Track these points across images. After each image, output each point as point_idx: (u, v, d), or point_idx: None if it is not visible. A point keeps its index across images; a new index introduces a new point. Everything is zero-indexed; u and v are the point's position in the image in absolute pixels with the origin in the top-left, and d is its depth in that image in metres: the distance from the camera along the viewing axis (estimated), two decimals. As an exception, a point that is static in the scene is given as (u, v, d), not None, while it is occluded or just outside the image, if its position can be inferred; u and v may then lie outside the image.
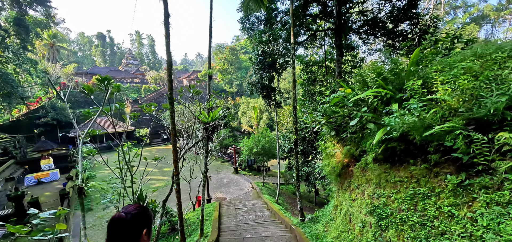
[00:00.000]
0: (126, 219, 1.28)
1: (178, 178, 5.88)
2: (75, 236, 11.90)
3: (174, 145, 5.80)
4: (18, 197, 11.48)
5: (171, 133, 5.85)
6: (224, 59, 49.64)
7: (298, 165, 6.22)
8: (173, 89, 5.74)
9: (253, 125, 33.05)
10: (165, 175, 20.60)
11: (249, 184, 18.04)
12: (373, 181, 3.62)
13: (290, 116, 23.62)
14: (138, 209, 1.38)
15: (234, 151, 21.82)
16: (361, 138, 3.91)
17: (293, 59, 6.17)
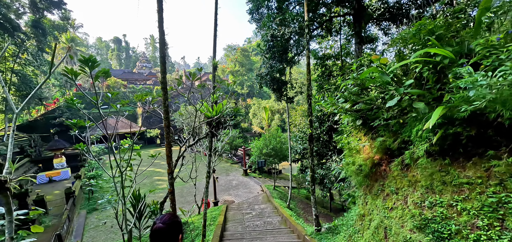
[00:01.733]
0: (164, 229, 1.48)
1: (172, 176, 5.09)
2: (78, 236, 11.47)
3: (167, 137, 5.02)
4: (22, 194, 11.22)
5: (164, 124, 5.08)
6: (235, 60, 49.21)
7: (313, 164, 5.25)
8: (166, 73, 4.97)
9: (264, 126, 32.13)
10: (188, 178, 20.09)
11: (259, 187, 17.09)
12: (421, 184, 2.61)
13: (303, 117, 22.50)
14: (171, 219, 1.55)
15: (244, 152, 20.99)
16: (402, 125, 2.91)
17: (307, 39, 5.24)
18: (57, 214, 13.19)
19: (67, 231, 11.15)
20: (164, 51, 4.90)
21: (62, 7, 30.07)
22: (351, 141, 4.19)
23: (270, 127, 30.98)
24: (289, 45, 8.77)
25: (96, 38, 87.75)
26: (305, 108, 21.24)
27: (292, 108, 25.17)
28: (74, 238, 11.20)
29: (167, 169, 5.04)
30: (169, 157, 5.02)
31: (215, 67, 8.37)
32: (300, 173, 18.16)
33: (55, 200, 15.10)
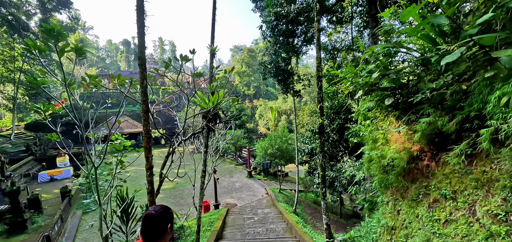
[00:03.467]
0: (155, 216, 1.67)
1: (151, 173, 4.23)
2: (70, 237, 10.79)
3: (145, 125, 4.19)
4: (14, 192, 10.66)
5: (142, 109, 4.25)
6: (241, 60, 48.57)
7: (324, 161, 4.28)
8: (144, 47, 4.16)
9: (270, 127, 31.16)
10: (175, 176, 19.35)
11: (263, 189, 16.11)
12: (504, 184, 1.62)
13: (311, 116, 21.44)
14: (163, 208, 1.76)
15: (248, 153, 20.06)
16: (464, 94, 1.92)
17: (316, 11, 4.30)
18: (52, 213, 12.59)
19: (58, 232, 10.49)
20: (142, 20, 4.09)
21: (69, 6, 30.27)
22: (376, 128, 3.20)
23: (277, 128, 29.98)
24: (295, 29, 7.82)
25: (106, 40, 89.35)
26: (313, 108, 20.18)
27: (300, 108, 24.14)
28: (65, 239, 10.52)
29: (145, 164, 4.20)
30: (147, 148, 4.17)
31: (213, 54, 7.51)
32: (307, 175, 17.07)
33: (51, 199, 14.58)
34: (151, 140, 4.24)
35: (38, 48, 3.16)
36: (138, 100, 4.81)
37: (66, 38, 3.38)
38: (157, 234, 1.66)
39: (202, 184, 7.29)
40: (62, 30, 3.29)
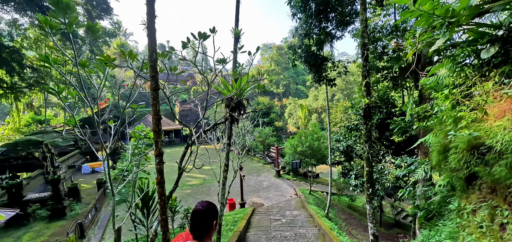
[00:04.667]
0: (202, 211, 1.75)
1: (160, 160, 3.72)
2: (102, 226, 11.18)
3: (154, 105, 3.67)
4: (55, 181, 11.42)
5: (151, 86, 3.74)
6: (270, 59, 47.78)
7: (369, 153, 3.33)
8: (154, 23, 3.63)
9: (300, 126, 29.84)
10: (203, 173, 19.38)
11: (292, 190, 15.14)
12: None
13: (345, 114, 19.78)
14: (209, 205, 1.82)
15: (277, 152, 19.22)
16: None
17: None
18: (89, 202, 13.33)
19: (91, 220, 10.94)
20: None
21: (111, 13, 32.73)
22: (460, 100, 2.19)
23: (307, 128, 28.60)
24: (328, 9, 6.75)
25: (144, 45, 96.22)
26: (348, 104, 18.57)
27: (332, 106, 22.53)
28: (98, 228, 10.93)
29: (155, 150, 3.70)
30: (155, 132, 3.66)
31: (237, 38, 6.87)
32: (341, 177, 15.63)
33: (91, 189, 15.55)
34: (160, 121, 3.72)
35: (50, 24, 2.94)
36: (167, 97, 4.52)
37: (76, 12, 3.08)
38: (204, 229, 1.73)
39: (224, 179, 6.68)
40: (70, 2, 2.97)
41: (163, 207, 3.71)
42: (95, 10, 31.56)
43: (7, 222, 8.53)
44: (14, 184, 10.67)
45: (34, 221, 11.05)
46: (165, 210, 3.80)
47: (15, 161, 18.94)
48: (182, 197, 13.98)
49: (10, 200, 10.69)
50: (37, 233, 10.30)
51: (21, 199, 10.88)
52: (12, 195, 10.72)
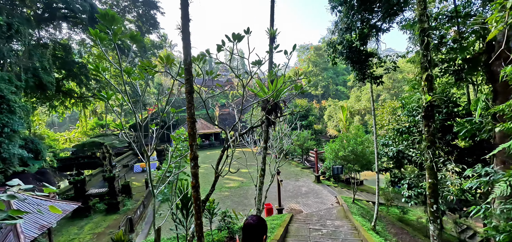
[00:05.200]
0: (254, 225, 1.83)
1: (195, 164, 3.66)
2: (148, 222, 12.04)
3: (189, 108, 3.64)
4: (111, 178, 12.75)
5: (186, 89, 3.73)
6: (308, 60, 46.42)
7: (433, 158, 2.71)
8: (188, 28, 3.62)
9: (341, 129, 28.09)
10: (241, 175, 19.56)
11: (333, 197, 14.17)
12: None
13: (393, 115, 17.83)
14: (259, 219, 1.89)
15: (316, 156, 18.32)
16: None
17: None
18: (139, 198, 14.55)
19: (140, 216, 11.86)
20: None
21: (158, 28, 36.01)
22: None
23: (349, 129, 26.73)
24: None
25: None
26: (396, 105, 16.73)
27: (378, 107, 20.60)
28: (145, 223, 11.81)
29: (189, 153, 3.65)
30: (191, 135, 3.61)
31: (272, 38, 6.65)
32: (390, 185, 14.05)
33: (140, 187, 17.01)
34: (195, 125, 3.68)
35: (99, 36, 3.25)
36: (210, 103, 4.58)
37: (120, 22, 3.34)
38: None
39: (260, 183, 6.47)
40: (116, 15, 3.22)
41: (198, 212, 3.64)
42: (145, 25, 34.98)
43: (72, 212, 9.74)
44: (79, 180, 12.27)
45: (94, 213, 12.50)
46: (200, 215, 3.71)
47: (82, 160, 21.95)
48: (220, 199, 14.25)
49: (76, 194, 12.31)
50: (96, 224, 11.61)
51: (84, 193, 12.44)
52: (77, 190, 12.34)
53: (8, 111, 12.34)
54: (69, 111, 33.57)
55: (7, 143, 12.13)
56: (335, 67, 49.21)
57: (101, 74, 3.87)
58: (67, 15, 22.68)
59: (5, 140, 12.07)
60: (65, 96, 28.00)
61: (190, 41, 3.71)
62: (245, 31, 3.98)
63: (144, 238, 10.78)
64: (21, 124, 13.19)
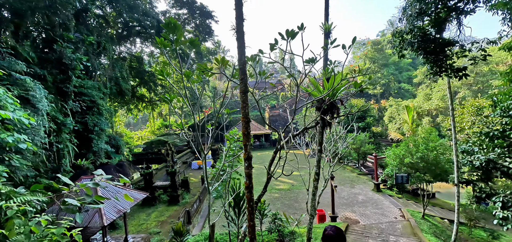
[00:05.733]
0: (334, 235, 1.97)
1: (248, 164, 3.60)
2: (203, 216, 12.87)
3: (243, 108, 3.62)
4: (173, 173, 14.17)
5: (240, 89, 3.73)
6: (364, 56, 42.58)
7: None
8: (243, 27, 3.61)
9: (406, 132, 24.72)
10: (291, 178, 19.18)
11: (396, 210, 12.50)
12: None
13: (478, 116, 14.67)
14: (338, 230, 2.02)
15: (375, 162, 16.54)
16: None
17: None
18: (196, 193, 15.75)
19: (196, 210, 12.79)
20: None
21: (212, 35, 38.80)
22: None
23: (417, 132, 23.25)
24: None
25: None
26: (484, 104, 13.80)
27: (456, 106, 17.29)
28: (200, 217, 12.66)
29: (243, 153, 3.62)
30: (245, 135, 3.58)
31: (327, 34, 6.23)
32: (474, 202, 11.56)
33: (197, 183, 18.42)
34: (249, 124, 3.64)
35: (163, 43, 3.71)
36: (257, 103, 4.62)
37: (181, 31, 3.71)
38: None
39: (314, 188, 6.10)
40: (177, 23, 3.57)
41: (251, 213, 3.58)
42: (201, 34, 38.04)
43: (142, 201, 11.15)
44: (148, 173, 14.03)
45: (159, 203, 14.09)
46: (253, 216, 3.65)
47: (150, 155, 25.12)
48: (270, 201, 14.21)
49: (145, 185, 14.12)
50: (160, 213, 13.04)
51: (151, 185, 14.16)
52: (146, 181, 14.14)
53: (98, 113, 15.03)
54: (141, 113, 39.01)
55: (96, 139, 14.78)
56: (398, 63, 43.79)
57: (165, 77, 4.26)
58: (140, 31, 26.48)
59: (95, 137, 14.72)
60: (138, 100, 32.74)
61: (244, 41, 3.72)
62: (299, 27, 3.77)
63: (199, 230, 11.55)
64: (106, 124, 15.91)
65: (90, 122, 14.18)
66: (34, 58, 11.56)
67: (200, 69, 4.20)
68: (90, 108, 14.55)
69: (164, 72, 4.37)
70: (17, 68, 9.40)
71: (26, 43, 12.46)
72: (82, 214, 2.99)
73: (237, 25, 3.52)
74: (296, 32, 3.71)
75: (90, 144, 14.40)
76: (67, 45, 12.90)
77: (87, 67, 15.70)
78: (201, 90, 4.84)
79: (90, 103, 14.51)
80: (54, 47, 12.50)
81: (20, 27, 12.21)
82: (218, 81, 53.96)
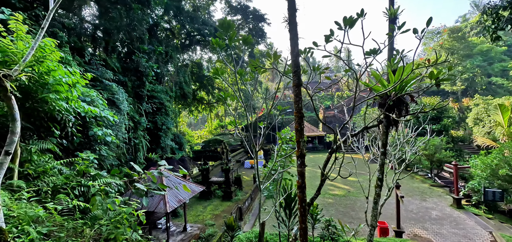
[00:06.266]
0: None
1: (301, 163, 3.37)
2: (254, 215, 13.07)
3: (297, 102, 3.43)
4: (227, 170, 14.92)
5: (293, 82, 3.56)
6: (439, 47, 36.19)
7: None
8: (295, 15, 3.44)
9: (499, 137, 19.87)
10: (347, 183, 17.77)
11: (486, 233, 10.10)
12: None
13: None
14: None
15: (455, 172, 13.77)
16: None
17: None
18: (247, 191, 16.20)
19: (247, 208, 13.08)
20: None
21: (265, 37, 39.46)
22: None
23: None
24: None
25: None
26: None
27: None
28: (252, 215, 12.90)
29: (296, 150, 3.42)
30: (298, 131, 3.37)
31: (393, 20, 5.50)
32: None
33: (249, 181, 18.92)
34: (303, 120, 3.44)
35: (218, 44, 3.96)
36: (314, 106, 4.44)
37: (234, 29, 3.94)
38: None
39: (376, 196, 5.43)
40: (231, 22, 3.78)
41: (303, 215, 3.36)
42: (254, 37, 39.14)
43: (199, 194, 12.05)
44: (205, 169, 15.15)
45: (214, 197, 15.02)
46: (305, 218, 3.42)
47: (207, 153, 27.13)
48: (323, 206, 13.44)
49: (202, 179, 15.29)
50: (215, 207, 13.87)
51: (208, 180, 15.23)
52: (203, 176, 15.30)
53: (165, 114, 17.09)
54: (200, 114, 42.65)
55: (164, 136, 16.81)
56: (487, 52, 35.80)
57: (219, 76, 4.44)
58: (199, 40, 29.06)
59: (163, 134, 16.75)
60: (198, 103, 35.93)
61: (297, 32, 3.55)
62: (358, 14, 3.37)
63: (250, 228, 11.77)
64: (172, 123, 17.96)
65: (159, 121, 16.24)
66: (118, 68, 13.91)
67: (253, 65, 4.23)
68: (159, 110, 16.66)
69: (218, 71, 4.59)
70: (107, 76, 11.46)
71: (113, 56, 15.10)
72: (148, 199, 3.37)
73: (289, 16, 3.38)
74: (355, 20, 3.33)
75: (159, 140, 16.48)
76: (142, 56, 15.12)
77: (157, 73, 18.05)
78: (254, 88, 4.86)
79: (159, 105, 16.61)
80: (132, 58, 14.83)
81: (109, 43, 14.90)
82: (270, 83, 54.63)
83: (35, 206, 2.65)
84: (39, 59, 3.81)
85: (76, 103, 5.13)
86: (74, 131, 5.65)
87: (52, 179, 3.43)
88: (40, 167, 3.63)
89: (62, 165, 4.30)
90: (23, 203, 2.57)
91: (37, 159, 3.81)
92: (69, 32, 12.28)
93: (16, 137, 2.32)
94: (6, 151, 2.26)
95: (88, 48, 12.57)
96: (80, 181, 3.72)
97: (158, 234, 9.67)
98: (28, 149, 3.74)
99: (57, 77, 4.20)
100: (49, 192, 3.21)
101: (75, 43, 11.37)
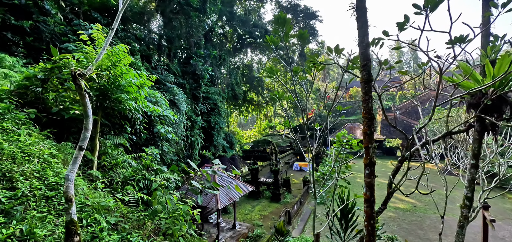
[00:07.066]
0: None
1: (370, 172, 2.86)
2: (303, 220, 12.48)
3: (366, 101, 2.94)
4: (276, 171, 14.73)
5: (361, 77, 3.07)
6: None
7: None
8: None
9: None
10: (413, 197, 15.40)
11: None
12: None
13: None
14: None
15: None
16: None
17: None
18: (296, 195, 15.68)
19: (296, 212, 12.59)
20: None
21: (316, 36, 37.78)
22: None
23: None
24: None
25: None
26: None
27: None
28: (301, 220, 12.34)
29: (364, 158, 2.93)
30: (366, 134, 2.87)
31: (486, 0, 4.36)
32: None
33: (298, 184, 18.31)
34: (373, 123, 2.93)
35: (273, 41, 3.79)
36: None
37: (290, 24, 3.72)
38: None
39: (463, 219, 4.42)
40: (286, 17, 3.56)
41: (371, 234, 2.85)
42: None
43: (248, 193, 12.17)
44: (254, 168, 15.30)
45: (262, 198, 15.01)
46: (373, 238, 2.91)
47: (257, 153, 27.51)
48: (384, 220, 11.91)
49: (252, 179, 15.47)
50: (263, 208, 13.81)
51: (257, 180, 15.33)
52: (253, 176, 15.47)
53: (218, 114, 18.01)
54: (250, 115, 43.73)
55: (216, 135, 17.73)
56: None
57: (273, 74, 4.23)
58: (250, 42, 29.77)
59: (216, 133, 17.68)
60: (248, 103, 36.89)
61: (367, 19, 3.04)
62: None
63: (299, 233, 11.26)
64: (224, 123, 18.84)
65: (212, 120, 17.23)
66: (178, 72, 15.27)
67: (311, 61, 3.90)
68: (213, 110, 17.67)
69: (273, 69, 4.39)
70: (169, 79, 12.67)
71: (175, 61, 16.67)
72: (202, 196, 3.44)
73: (357, 1, 2.92)
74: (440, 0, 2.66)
75: (212, 139, 17.47)
76: (199, 60, 16.27)
77: (211, 76, 19.21)
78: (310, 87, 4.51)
79: (213, 106, 17.62)
80: (190, 62, 16.10)
81: (171, 50, 16.52)
82: (322, 83, 52.24)
83: (107, 195, 2.98)
84: (115, 64, 4.34)
85: (143, 103, 5.71)
86: (141, 128, 6.33)
87: (122, 172, 3.86)
88: (114, 160, 4.16)
89: (131, 158, 4.83)
90: (98, 192, 2.92)
91: (111, 152, 4.39)
92: (140, 42, 14.08)
93: (88, 132, 2.61)
94: (80, 146, 2.55)
95: (154, 55, 14.18)
96: (144, 174, 4.08)
97: (210, 228, 10.13)
98: (105, 143, 4.34)
99: (128, 79, 4.72)
100: (119, 183, 3.61)
101: (144, 51, 12.96)
